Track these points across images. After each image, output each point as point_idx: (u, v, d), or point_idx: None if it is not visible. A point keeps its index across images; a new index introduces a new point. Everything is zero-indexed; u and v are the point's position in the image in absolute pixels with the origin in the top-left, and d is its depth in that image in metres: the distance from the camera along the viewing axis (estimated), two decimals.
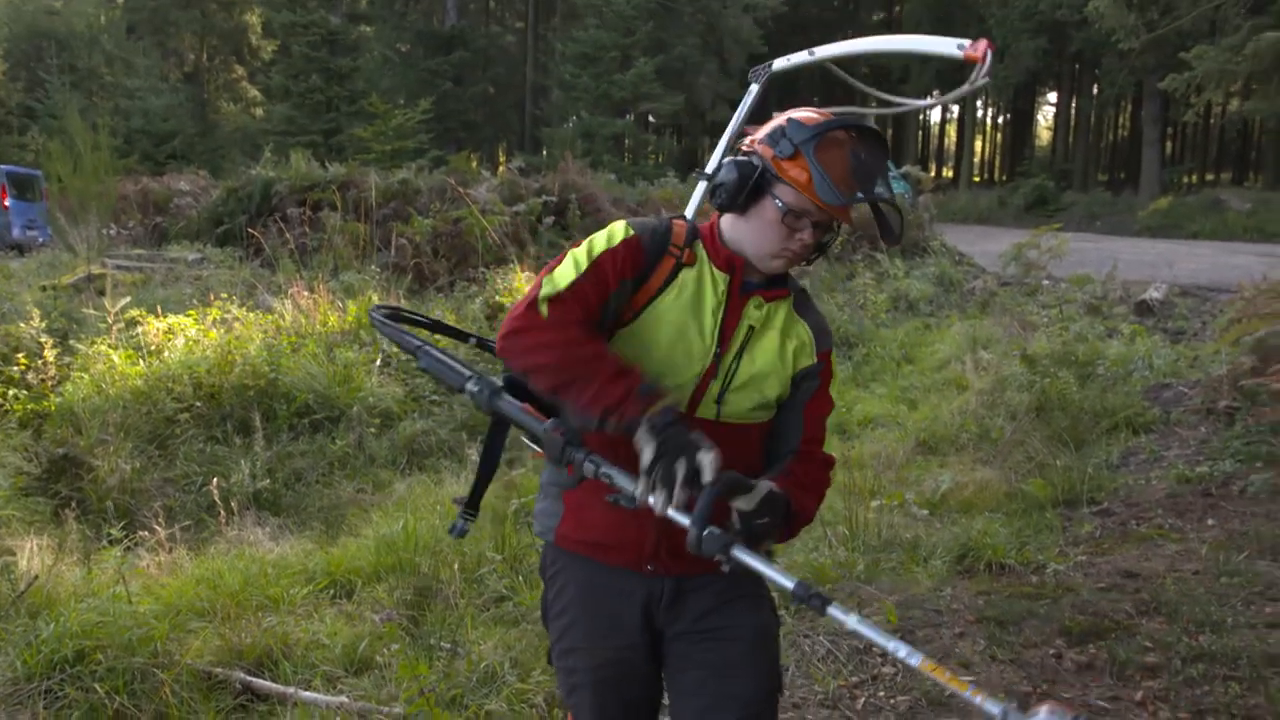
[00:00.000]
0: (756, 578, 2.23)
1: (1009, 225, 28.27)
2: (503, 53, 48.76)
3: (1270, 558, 4.90)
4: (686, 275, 2.13)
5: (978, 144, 60.49)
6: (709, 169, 3.09)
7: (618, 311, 2.10)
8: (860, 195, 2.05)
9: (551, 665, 2.37)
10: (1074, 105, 49.84)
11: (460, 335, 2.78)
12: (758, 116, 2.19)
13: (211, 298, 8.71)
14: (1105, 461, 6.71)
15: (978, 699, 1.72)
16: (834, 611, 1.84)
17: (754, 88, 3.45)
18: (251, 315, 8.27)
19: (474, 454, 6.46)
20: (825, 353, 2.23)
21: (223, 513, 5.17)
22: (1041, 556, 5.07)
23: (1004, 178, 53.61)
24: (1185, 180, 46.43)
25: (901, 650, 1.79)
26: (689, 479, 1.84)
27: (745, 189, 2.06)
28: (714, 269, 2.14)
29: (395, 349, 7.84)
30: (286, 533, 5.49)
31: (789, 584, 1.86)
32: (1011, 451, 6.69)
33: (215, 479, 5.46)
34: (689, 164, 37.80)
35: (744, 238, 2.12)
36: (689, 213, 3.39)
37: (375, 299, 9.51)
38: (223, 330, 7.66)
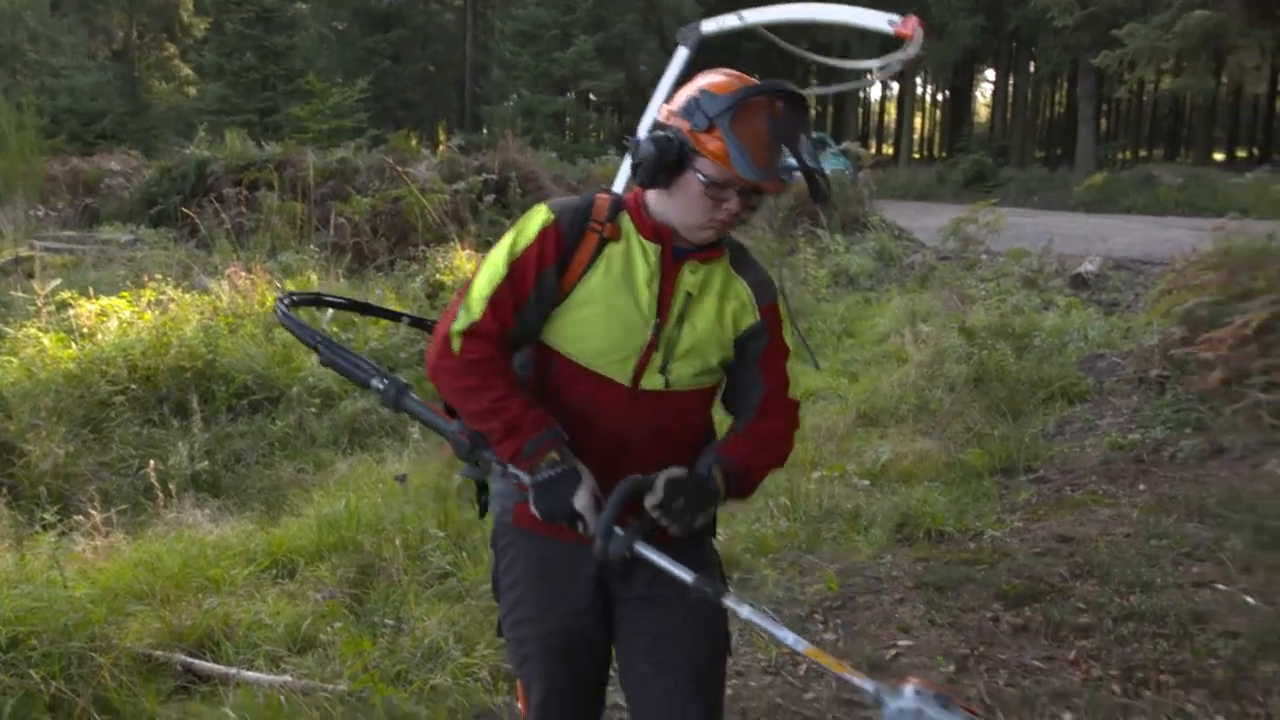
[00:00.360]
0: (701, 545, 2.27)
1: (948, 201, 28.54)
2: (441, 30, 48.22)
3: (1198, 520, 5.03)
4: (613, 250, 2.11)
5: (917, 121, 61.01)
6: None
7: (545, 299, 2.10)
8: (782, 165, 2.01)
9: (501, 637, 2.38)
10: (1011, 82, 50.51)
11: (392, 315, 2.75)
12: (688, 80, 2.17)
13: (146, 279, 8.54)
14: (1041, 431, 6.83)
15: (854, 678, 1.86)
16: (728, 602, 1.96)
17: (682, 50, 3.35)
18: (187, 296, 8.13)
19: (415, 433, 6.42)
20: (769, 306, 2.21)
21: (160, 495, 5.08)
22: (979, 524, 5.17)
23: (943, 154, 54.21)
24: (1119, 156, 47.36)
25: (789, 638, 1.91)
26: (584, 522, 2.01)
27: (663, 166, 2.03)
28: (642, 240, 2.12)
29: (335, 327, 7.79)
30: (226, 514, 5.42)
31: (687, 577, 1.97)
32: (950, 422, 6.79)
33: (152, 462, 5.36)
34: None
35: (669, 211, 2.10)
36: (618, 185, 3.36)
37: (314, 279, 9.41)
38: (158, 312, 7.52)
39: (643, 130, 2.19)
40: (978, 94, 65.57)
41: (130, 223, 14.82)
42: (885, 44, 3.96)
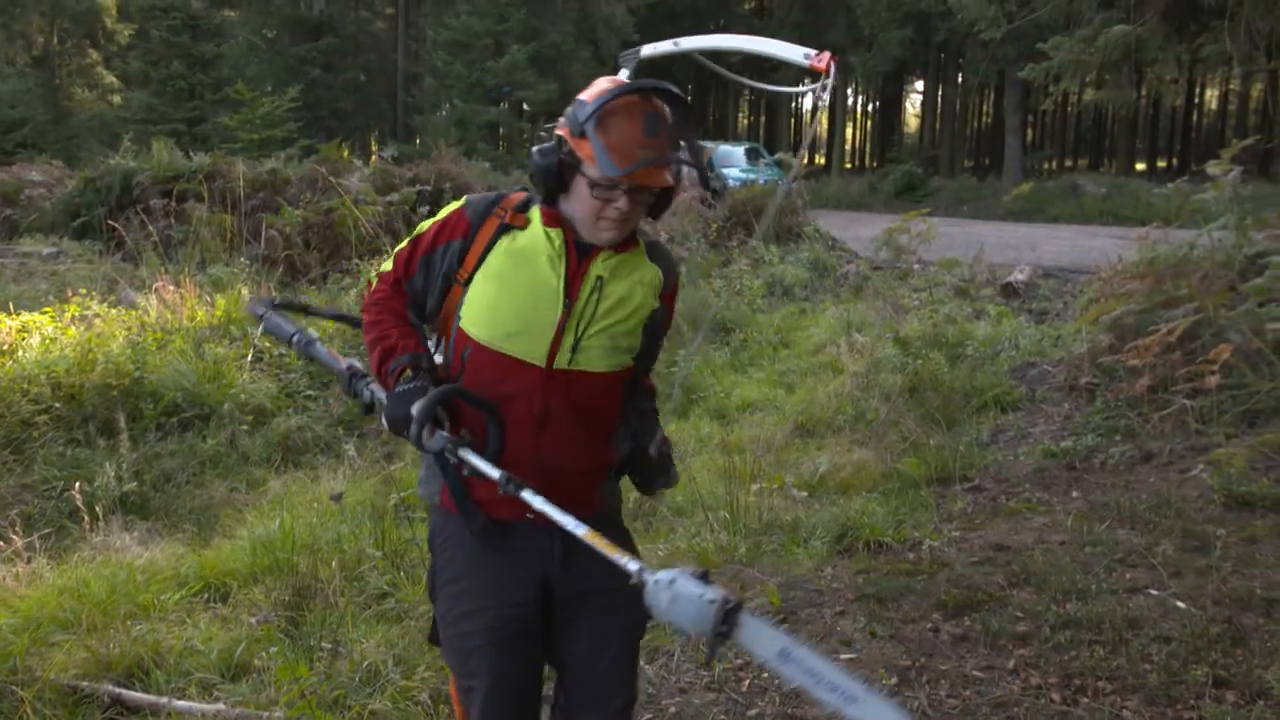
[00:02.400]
0: (623, 531, 2.45)
1: (880, 211, 28.86)
2: (373, 39, 47.73)
3: (1130, 526, 5.12)
4: (516, 234, 2.26)
5: (848, 131, 61.72)
6: None
7: (438, 270, 2.30)
8: (649, 160, 2.11)
9: (436, 645, 2.41)
10: (940, 93, 51.21)
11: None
12: None
13: (69, 293, 8.33)
14: (975, 439, 6.92)
15: (619, 559, 2.00)
16: (526, 495, 2.08)
17: (624, 72, 3.55)
18: (113, 311, 7.94)
19: (351, 449, 6.32)
20: (669, 293, 2.38)
21: (86, 518, 4.94)
22: (917, 533, 5.20)
23: (874, 164, 54.81)
24: (1045, 166, 48.36)
25: (569, 523, 2.06)
26: (424, 436, 2.12)
27: (549, 173, 2.19)
28: (546, 227, 2.24)
29: (267, 343, 7.66)
30: (156, 536, 5.28)
31: (495, 474, 2.08)
32: (886, 432, 6.85)
33: (78, 483, 5.20)
34: None
35: (571, 212, 2.24)
36: None
37: (245, 293, 9.23)
38: (82, 328, 7.33)
39: None
40: (908, 104, 66.47)
41: (52, 235, 14.43)
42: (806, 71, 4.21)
